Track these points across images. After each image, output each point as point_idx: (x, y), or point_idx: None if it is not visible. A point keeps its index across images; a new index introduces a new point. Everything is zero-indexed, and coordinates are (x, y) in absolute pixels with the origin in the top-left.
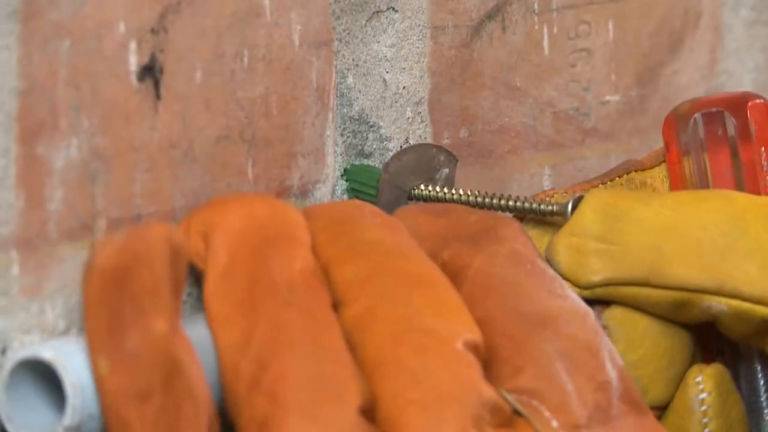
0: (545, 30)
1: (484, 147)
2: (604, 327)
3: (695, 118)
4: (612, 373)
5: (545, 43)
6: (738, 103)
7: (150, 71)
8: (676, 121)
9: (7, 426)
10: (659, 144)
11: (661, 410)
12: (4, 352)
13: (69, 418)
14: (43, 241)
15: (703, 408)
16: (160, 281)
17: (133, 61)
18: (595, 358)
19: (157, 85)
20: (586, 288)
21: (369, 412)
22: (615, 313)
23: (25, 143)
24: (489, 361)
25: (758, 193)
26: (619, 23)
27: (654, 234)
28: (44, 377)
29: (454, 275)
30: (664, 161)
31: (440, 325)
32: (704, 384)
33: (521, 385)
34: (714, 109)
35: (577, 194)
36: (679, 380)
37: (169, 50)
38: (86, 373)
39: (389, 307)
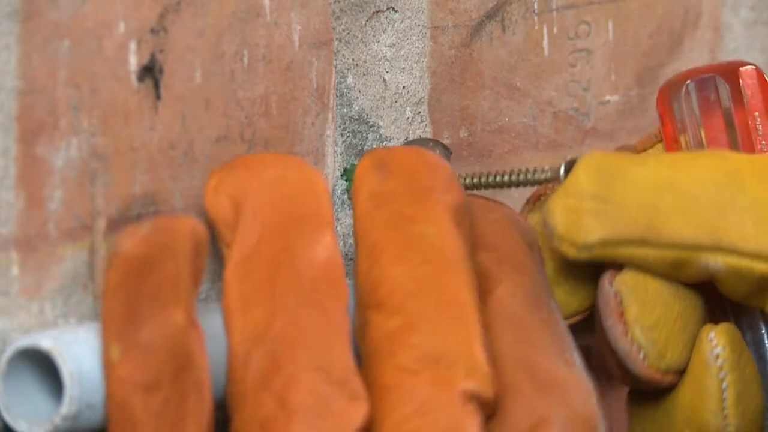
0: (545, 30)
1: (484, 147)
2: (616, 294)
3: (687, 85)
4: None
5: (545, 43)
6: (729, 70)
7: (150, 71)
8: (669, 92)
9: (5, 415)
10: None
11: (678, 374)
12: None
13: (66, 407)
14: (43, 241)
15: (719, 362)
16: (183, 274)
17: (133, 61)
18: None
19: (156, 85)
20: (583, 248)
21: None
22: (626, 278)
23: (25, 143)
24: (492, 416)
25: None
26: (619, 23)
27: (650, 192)
28: (42, 366)
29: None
30: (658, 142)
31: (459, 369)
32: (717, 339)
33: None
34: (706, 76)
35: (569, 158)
36: (693, 344)
37: (168, 50)
38: (85, 362)
39: (423, 333)
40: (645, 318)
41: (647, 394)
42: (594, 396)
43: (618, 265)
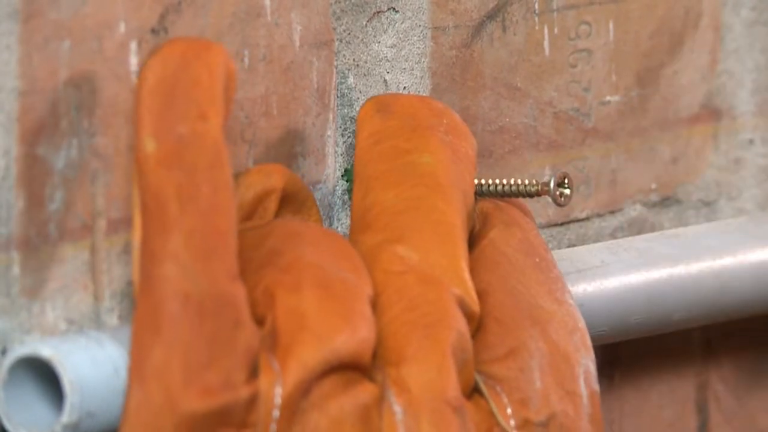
0: (546, 30)
1: (485, 147)
2: None
3: None
4: (584, 391)
5: (546, 43)
6: None
7: None
8: None
9: (6, 424)
10: (660, 144)
11: None
12: (4, 352)
13: (67, 415)
14: (44, 241)
15: None
16: (217, 86)
17: (134, 62)
18: (571, 369)
19: None
20: None
21: None
22: None
23: (26, 143)
24: (473, 336)
25: None
26: (620, 24)
27: None
28: (43, 375)
29: (471, 238)
30: None
31: (445, 277)
32: None
33: (493, 371)
34: None
35: (560, 172)
36: None
37: None
38: (85, 370)
39: (409, 246)
40: None
41: None
42: (578, 333)
43: None
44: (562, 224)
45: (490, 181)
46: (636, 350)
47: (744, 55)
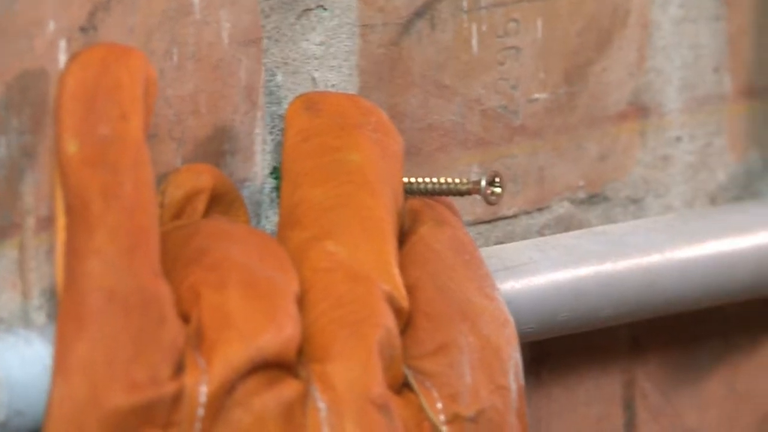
0: (474, 28)
1: (413, 145)
2: None
3: None
4: (513, 385)
5: (474, 41)
6: None
7: None
8: None
9: None
10: (588, 141)
11: None
12: None
13: None
14: None
15: None
16: (137, 89)
17: (63, 60)
18: (501, 363)
19: None
20: None
21: None
22: None
23: None
24: (403, 332)
25: None
26: (548, 21)
27: None
28: None
29: (400, 235)
30: None
31: (373, 273)
32: None
33: (423, 367)
34: None
35: (491, 171)
36: None
37: None
38: (14, 369)
39: (337, 242)
40: None
41: None
42: (508, 327)
43: None
44: (489, 222)
45: (420, 180)
46: (563, 347)
47: (672, 52)
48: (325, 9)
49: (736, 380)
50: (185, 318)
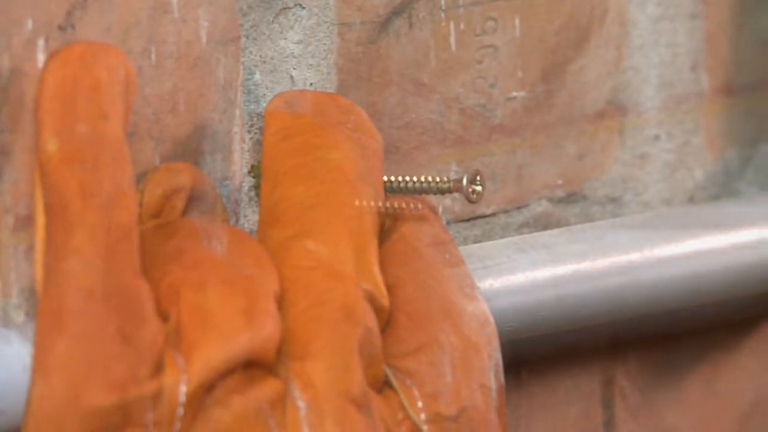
0: (452, 26)
1: (392, 143)
2: None
3: None
4: (493, 384)
5: (452, 39)
6: None
7: None
8: None
9: None
10: (566, 140)
11: None
12: None
13: None
14: None
15: None
16: (117, 87)
17: (41, 59)
18: (482, 363)
19: None
20: None
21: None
22: None
23: None
24: (383, 331)
25: None
26: (526, 19)
27: None
28: None
29: (381, 234)
30: None
31: (354, 272)
32: None
33: (404, 365)
34: None
35: (472, 169)
36: None
37: None
38: None
39: (318, 240)
40: None
41: None
42: (489, 326)
43: None
44: (468, 220)
45: (401, 178)
46: (543, 346)
47: (649, 50)
48: (302, 7)
49: (715, 379)
50: (164, 317)
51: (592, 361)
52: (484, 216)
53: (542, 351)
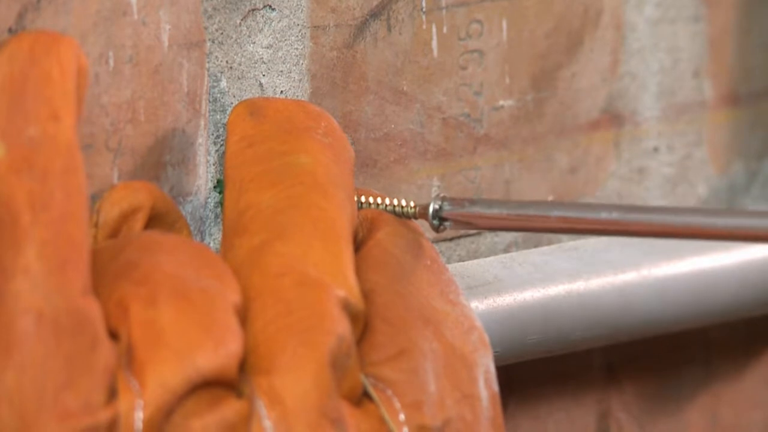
0: (434, 29)
1: (369, 156)
2: None
3: None
4: (483, 393)
5: (434, 43)
6: None
7: None
8: None
9: None
10: (557, 152)
11: None
12: None
13: None
14: None
15: None
16: (69, 83)
17: None
18: (468, 371)
19: None
20: None
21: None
22: None
23: None
24: (360, 339)
25: None
26: (514, 22)
27: None
28: None
29: (356, 242)
30: None
31: (327, 277)
32: None
33: (383, 374)
34: None
35: (437, 194)
36: None
37: None
38: None
39: (289, 243)
40: None
41: None
42: (475, 332)
43: None
44: (451, 240)
45: (371, 200)
46: (532, 373)
47: (648, 55)
48: (272, 9)
49: (718, 410)
50: (113, 335)
51: (586, 391)
52: (469, 235)
53: (531, 379)
